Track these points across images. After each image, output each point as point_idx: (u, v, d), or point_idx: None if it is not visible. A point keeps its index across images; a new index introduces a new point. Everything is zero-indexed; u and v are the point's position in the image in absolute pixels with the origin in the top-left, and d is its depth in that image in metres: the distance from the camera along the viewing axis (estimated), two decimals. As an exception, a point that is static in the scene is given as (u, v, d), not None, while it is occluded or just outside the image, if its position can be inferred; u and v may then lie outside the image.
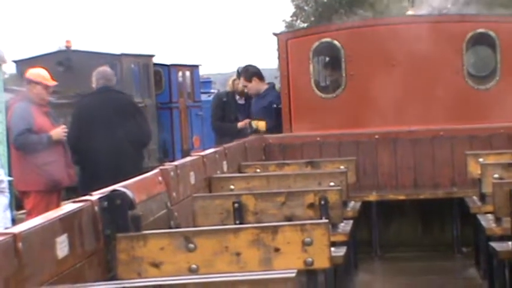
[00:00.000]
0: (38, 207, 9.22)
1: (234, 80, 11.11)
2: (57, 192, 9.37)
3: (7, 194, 8.58)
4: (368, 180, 9.19)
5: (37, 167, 9.37)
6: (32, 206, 9.41)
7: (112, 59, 18.66)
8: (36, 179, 9.40)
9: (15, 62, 18.88)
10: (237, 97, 11.04)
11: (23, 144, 9.48)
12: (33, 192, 9.44)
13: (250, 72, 10.84)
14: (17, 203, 11.08)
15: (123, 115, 9.44)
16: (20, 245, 3.19)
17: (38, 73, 9.84)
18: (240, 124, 10.69)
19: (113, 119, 9.41)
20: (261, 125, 10.33)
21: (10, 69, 20.03)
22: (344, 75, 10.93)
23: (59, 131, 9.27)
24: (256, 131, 10.24)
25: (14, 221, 9.04)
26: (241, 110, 10.94)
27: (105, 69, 10.14)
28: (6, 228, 7.89)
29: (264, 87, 10.84)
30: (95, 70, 10.08)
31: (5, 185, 8.51)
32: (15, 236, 3.19)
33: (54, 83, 9.77)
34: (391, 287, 8.00)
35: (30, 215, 9.14)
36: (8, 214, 8.61)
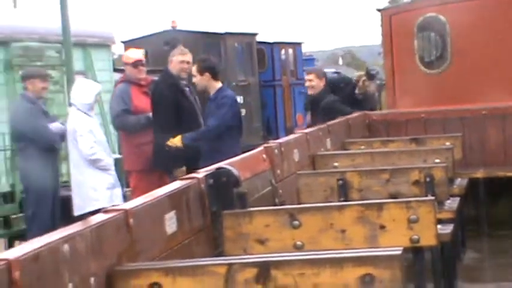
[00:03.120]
0: (139, 186, 9.30)
1: (364, 81, 11.07)
2: (159, 172, 9.31)
3: (111, 172, 8.73)
4: (475, 157, 9.04)
5: (135, 147, 9.45)
6: (134, 185, 9.51)
7: (216, 38, 18.80)
8: (134, 159, 9.48)
9: (123, 42, 19.21)
10: (357, 92, 10.97)
11: (120, 125, 9.59)
12: (133, 172, 9.55)
13: None
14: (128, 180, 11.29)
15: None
16: (131, 221, 3.27)
17: (126, 55, 9.93)
18: None
19: None
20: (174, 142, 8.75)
21: (119, 50, 20.41)
22: (449, 50, 10.77)
23: None
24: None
25: (126, 198, 9.20)
26: (357, 106, 10.75)
27: None
28: (114, 205, 8.05)
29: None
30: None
31: (105, 163, 8.64)
32: (126, 212, 3.27)
33: (134, 58, 9.68)
34: (501, 266, 7.86)
35: (133, 193, 9.27)
36: (117, 191, 8.78)
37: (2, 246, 11.06)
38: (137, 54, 9.93)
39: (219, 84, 8.76)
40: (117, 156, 10.42)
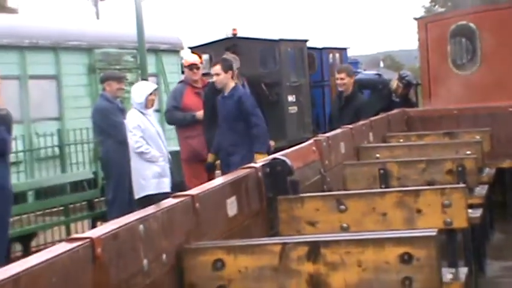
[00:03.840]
0: (187, 173, 9.31)
1: (398, 84, 10.84)
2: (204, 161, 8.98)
3: (159, 163, 8.63)
4: (502, 149, 8.89)
5: (183, 139, 9.49)
6: (185, 171, 9.50)
7: (272, 44, 18.75)
8: (182, 149, 9.53)
9: (190, 48, 19.27)
10: (394, 96, 10.73)
11: (169, 119, 9.63)
12: (182, 161, 9.57)
13: None
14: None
15: None
16: (197, 205, 3.28)
17: (185, 59, 9.92)
18: None
19: None
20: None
21: (187, 54, 20.50)
22: (479, 54, 10.65)
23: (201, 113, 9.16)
24: None
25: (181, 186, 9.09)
26: (397, 106, 10.56)
27: None
28: (159, 193, 8.01)
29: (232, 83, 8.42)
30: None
31: (151, 156, 8.57)
32: (193, 197, 3.28)
33: (190, 62, 9.55)
34: None
35: (185, 179, 9.25)
36: (165, 180, 8.68)
37: (86, 226, 11.18)
38: (193, 58, 9.93)
39: (233, 83, 8.38)
40: (176, 148, 10.40)
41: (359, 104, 9.03)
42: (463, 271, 4.25)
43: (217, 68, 8.34)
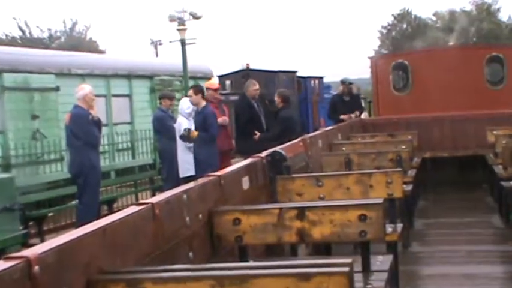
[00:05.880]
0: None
1: (343, 86, 10.53)
2: (225, 153, 8.45)
3: None
4: (425, 145, 8.86)
5: None
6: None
7: (272, 74, 18.74)
8: None
9: (218, 76, 19.22)
10: (344, 96, 10.43)
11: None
12: None
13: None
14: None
15: None
16: (222, 181, 3.25)
17: (209, 82, 9.63)
18: (342, 116, 9.67)
19: None
20: (194, 134, 7.89)
21: (216, 80, 20.36)
22: (410, 81, 10.62)
23: (222, 119, 8.88)
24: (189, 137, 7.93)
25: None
26: (346, 104, 10.10)
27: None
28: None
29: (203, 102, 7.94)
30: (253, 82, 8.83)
31: None
32: (219, 177, 3.25)
33: (215, 86, 8.99)
34: (440, 209, 7.72)
35: None
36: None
37: (149, 195, 11.18)
38: (217, 83, 9.70)
39: (204, 103, 7.90)
40: None
41: (284, 117, 8.27)
42: (400, 226, 4.21)
43: (191, 92, 8.03)
